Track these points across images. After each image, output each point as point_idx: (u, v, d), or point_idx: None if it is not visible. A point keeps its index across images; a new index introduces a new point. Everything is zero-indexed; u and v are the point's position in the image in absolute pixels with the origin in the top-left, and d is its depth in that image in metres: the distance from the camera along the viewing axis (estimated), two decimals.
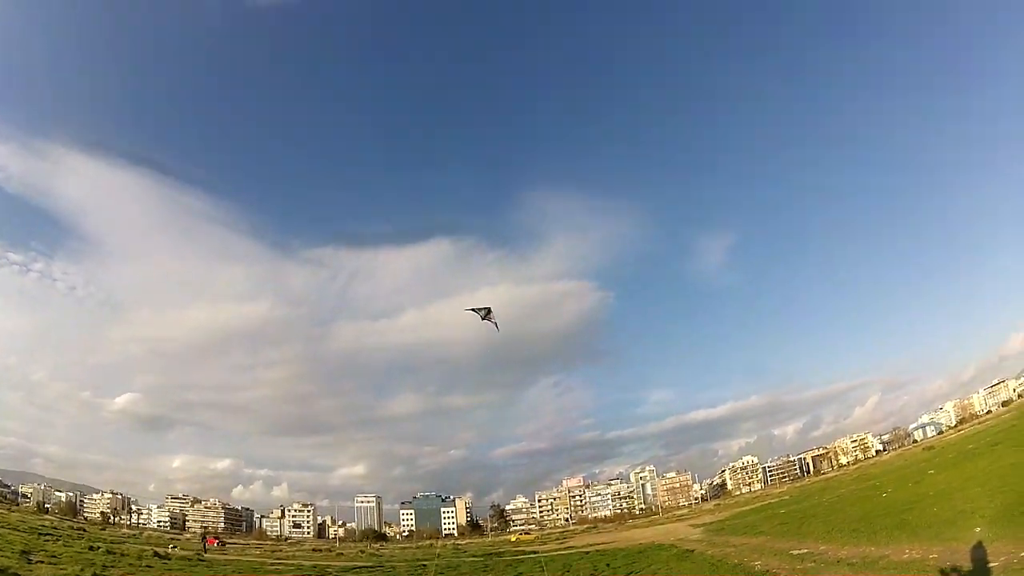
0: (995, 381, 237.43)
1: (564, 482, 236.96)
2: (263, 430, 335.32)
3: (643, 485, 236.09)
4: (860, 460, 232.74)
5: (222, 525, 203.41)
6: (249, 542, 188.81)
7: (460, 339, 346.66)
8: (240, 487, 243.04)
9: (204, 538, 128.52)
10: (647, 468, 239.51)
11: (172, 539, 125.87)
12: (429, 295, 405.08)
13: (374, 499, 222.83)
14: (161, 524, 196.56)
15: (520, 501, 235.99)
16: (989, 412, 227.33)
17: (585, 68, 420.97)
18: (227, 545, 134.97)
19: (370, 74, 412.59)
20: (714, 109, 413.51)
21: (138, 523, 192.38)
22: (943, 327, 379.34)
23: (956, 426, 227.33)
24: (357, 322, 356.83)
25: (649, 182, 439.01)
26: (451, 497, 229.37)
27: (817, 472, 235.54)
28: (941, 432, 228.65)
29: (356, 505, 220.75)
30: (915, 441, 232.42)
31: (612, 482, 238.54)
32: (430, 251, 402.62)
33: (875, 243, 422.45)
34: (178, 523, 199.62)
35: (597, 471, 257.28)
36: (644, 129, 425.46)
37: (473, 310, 44.54)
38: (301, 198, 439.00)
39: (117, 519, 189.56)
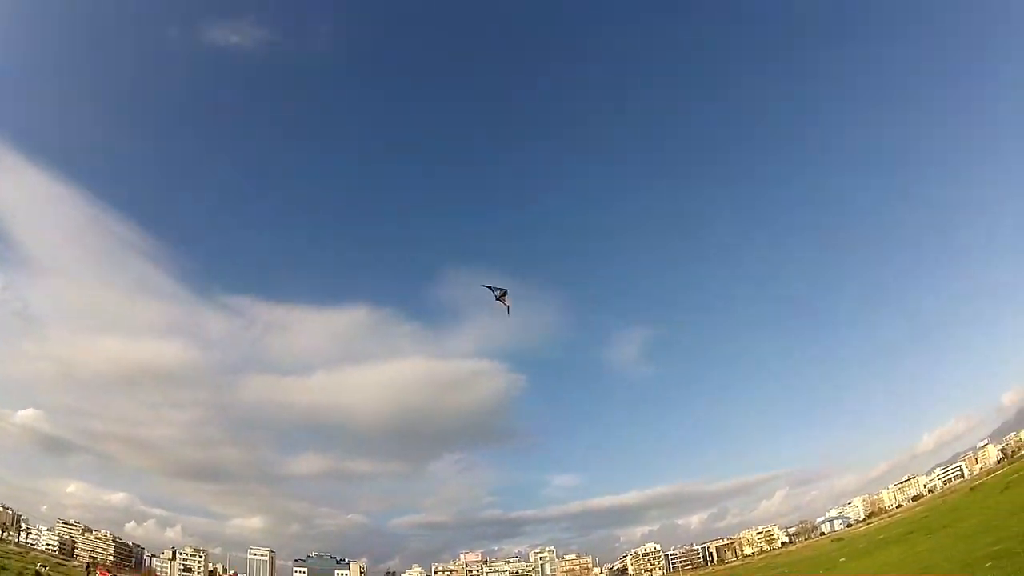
0: (905, 477, 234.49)
1: (462, 556, 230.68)
2: (163, 469, 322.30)
3: (542, 565, 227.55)
4: (765, 551, 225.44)
5: (111, 558, 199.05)
6: None
7: (368, 406, 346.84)
8: (133, 523, 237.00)
9: (88, 568, 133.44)
10: (547, 549, 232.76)
11: (59, 564, 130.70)
12: (341, 358, 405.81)
13: (267, 553, 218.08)
14: (49, 547, 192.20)
15: (416, 571, 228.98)
16: (899, 507, 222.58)
17: (515, 154, 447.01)
18: None
19: (309, 139, 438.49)
20: (635, 205, 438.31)
21: (26, 542, 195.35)
22: (854, 426, 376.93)
23: (865, 520, 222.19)
24: (267, 375, 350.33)
25: (571, 271, 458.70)
26: (346, 560, 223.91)
27: (721, 561, 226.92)
28: (850, 525, 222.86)
29: (249, 557, 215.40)
30: (822, 534, 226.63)
31: (511, 560, 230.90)
32: (347, 315, 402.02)
33: (790, 345, 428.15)
34: (67, 549, 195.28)
35: (496, 548, 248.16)
36: (569, 218, 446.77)
37: (488, 287, 49.29)
38: (227, 244, 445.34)
39: (5, 534, 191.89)
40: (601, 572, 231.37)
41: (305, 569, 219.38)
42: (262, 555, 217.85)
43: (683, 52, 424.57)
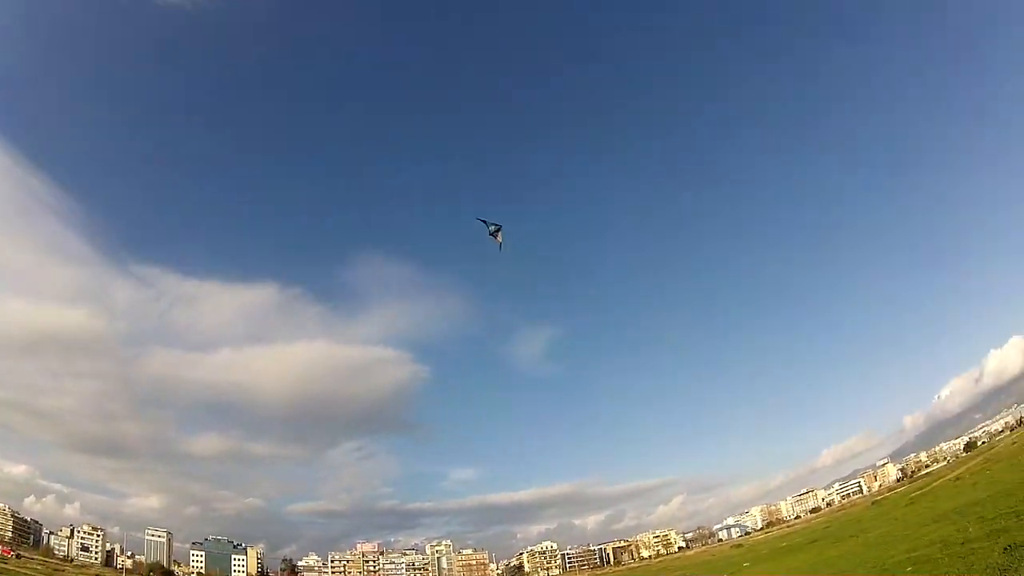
0: (804, 490, 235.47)
1: (359, 546, 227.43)
2: (64, 442, 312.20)
3: (439, 559, 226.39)
4: (662, 554, 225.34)
5: (9, 534, 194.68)
6: (34, 556, 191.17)
7: (271, 388, 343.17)
8: (32, 498, 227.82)
9: None
10: (444, 542, 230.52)
11: None
12: (247, 337, 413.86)
13: (165, 535, 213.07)
14: None
15: (313, 559, 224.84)
16: (798, 517, 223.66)
17: (433, 142, 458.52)
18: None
19: (232, 112, 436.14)
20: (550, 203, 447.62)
21: None
22: (754, 438, 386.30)
23: (763, 528, 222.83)
24: (172, 350, 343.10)
25: (481, 264, 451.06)
26: (243, 545, 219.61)
27: (618, 563, 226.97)
28: (747, 533, 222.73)
29: (146, 538, 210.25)
30: (720, 540, 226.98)
31: (408, 552, 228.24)
32: (255, 294, 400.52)
33: (694, 354, 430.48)
34: None
35: (393, 539, 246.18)
36: (484, 211, 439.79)
37: (482, 220, 47.23)
38: (142, 210, 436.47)
39: None
40: (497, 568, 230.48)
41: (202, 553, 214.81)
42: (159, 537, 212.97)
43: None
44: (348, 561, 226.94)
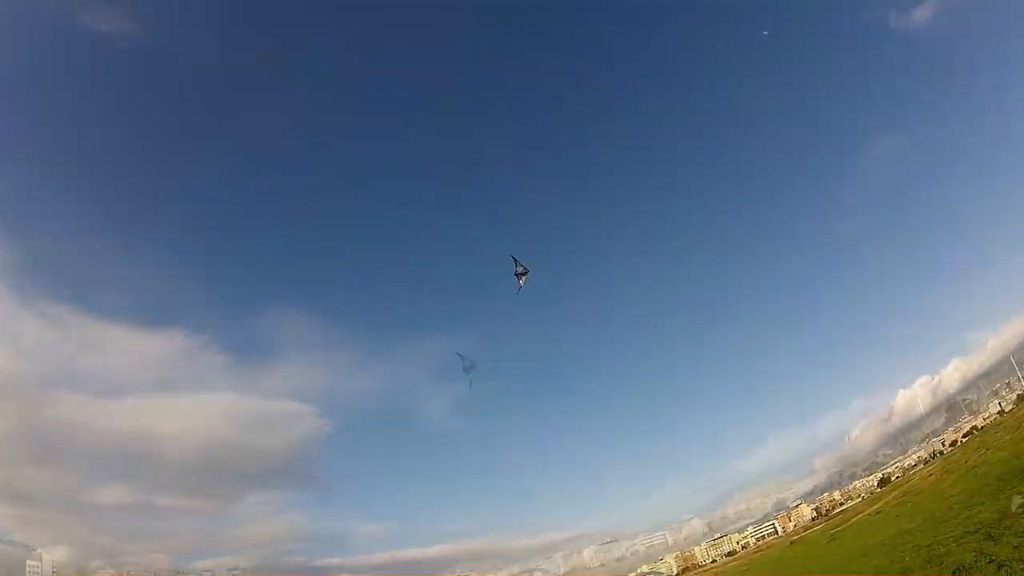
0: (718, 535, 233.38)
1: None
2: None
3: None
4: None
5: None
6: None
7: (178, 438, 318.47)
8: None
9: None
10: None
11: None
12: (155, 385, 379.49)
13: None
14: None
15: None
16: (714, 562, 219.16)
17: (346, 195, 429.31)
18: None
19: (152, 147, 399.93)
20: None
21: None
22: (665, 485, 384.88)
23: (679, 574, 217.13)
24: (77, 394, 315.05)
25: (386, 316, 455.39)
26: None
27: None
28: None
29: None
30: None
31: None
32: (163, 340, 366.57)
33: (596, 402, 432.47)
34: None
35: None
36: (393, 266, 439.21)
37: (514, 258, 49.25)
38: (54, 244, 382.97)
39: None
40: None
41: None
42: None
43: None
44: None
